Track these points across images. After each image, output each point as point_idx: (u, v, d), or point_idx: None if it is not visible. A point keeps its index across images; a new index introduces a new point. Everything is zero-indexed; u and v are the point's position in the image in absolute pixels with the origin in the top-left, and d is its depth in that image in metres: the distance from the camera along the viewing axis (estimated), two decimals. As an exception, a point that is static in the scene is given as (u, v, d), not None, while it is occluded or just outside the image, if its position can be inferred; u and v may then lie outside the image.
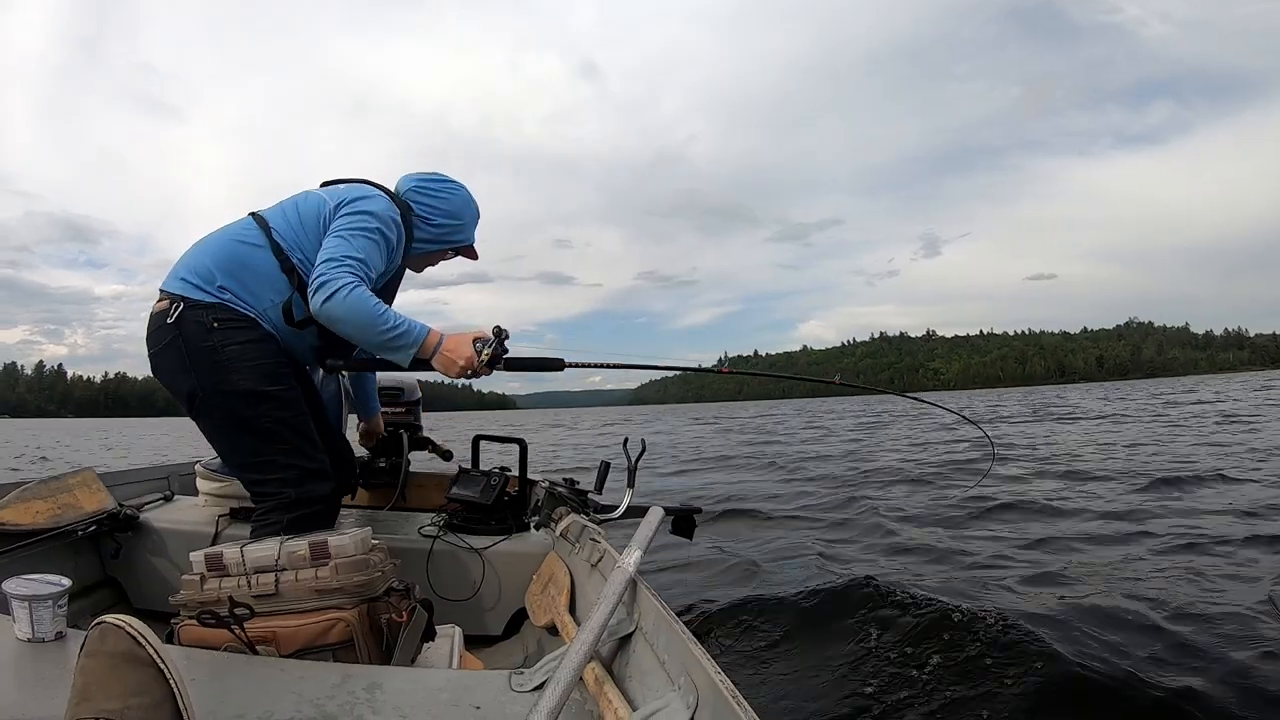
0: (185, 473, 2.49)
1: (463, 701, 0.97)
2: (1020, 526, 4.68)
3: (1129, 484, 6.06)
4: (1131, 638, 2.50)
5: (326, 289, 1.48)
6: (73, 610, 1.05)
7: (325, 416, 1.85)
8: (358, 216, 1.60)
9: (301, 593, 1.21)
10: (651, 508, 1.57)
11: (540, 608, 1.68)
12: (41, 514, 1.78)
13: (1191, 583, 3.12)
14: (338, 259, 1.51)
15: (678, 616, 1.03)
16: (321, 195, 1.70)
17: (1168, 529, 4.21)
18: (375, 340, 1.54)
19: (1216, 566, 3.36)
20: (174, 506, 2.09)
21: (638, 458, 2.12)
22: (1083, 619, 2.64)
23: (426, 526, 1.98)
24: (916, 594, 3.34)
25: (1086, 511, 4.99)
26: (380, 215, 1.63)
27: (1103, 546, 3.97)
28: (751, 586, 3.44)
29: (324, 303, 1.48)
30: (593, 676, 1.03)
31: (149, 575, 1.87)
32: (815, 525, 5.09)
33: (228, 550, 1.25)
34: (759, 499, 6.46)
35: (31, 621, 0.99)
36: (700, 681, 0.86)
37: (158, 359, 1.59)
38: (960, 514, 5.38)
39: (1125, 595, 2.97)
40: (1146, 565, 3.49)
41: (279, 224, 1.64)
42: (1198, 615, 2.65)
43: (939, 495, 6.30)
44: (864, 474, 8.14)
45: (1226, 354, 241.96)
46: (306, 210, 1.65)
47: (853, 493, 6.71)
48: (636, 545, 1.21)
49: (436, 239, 1.82)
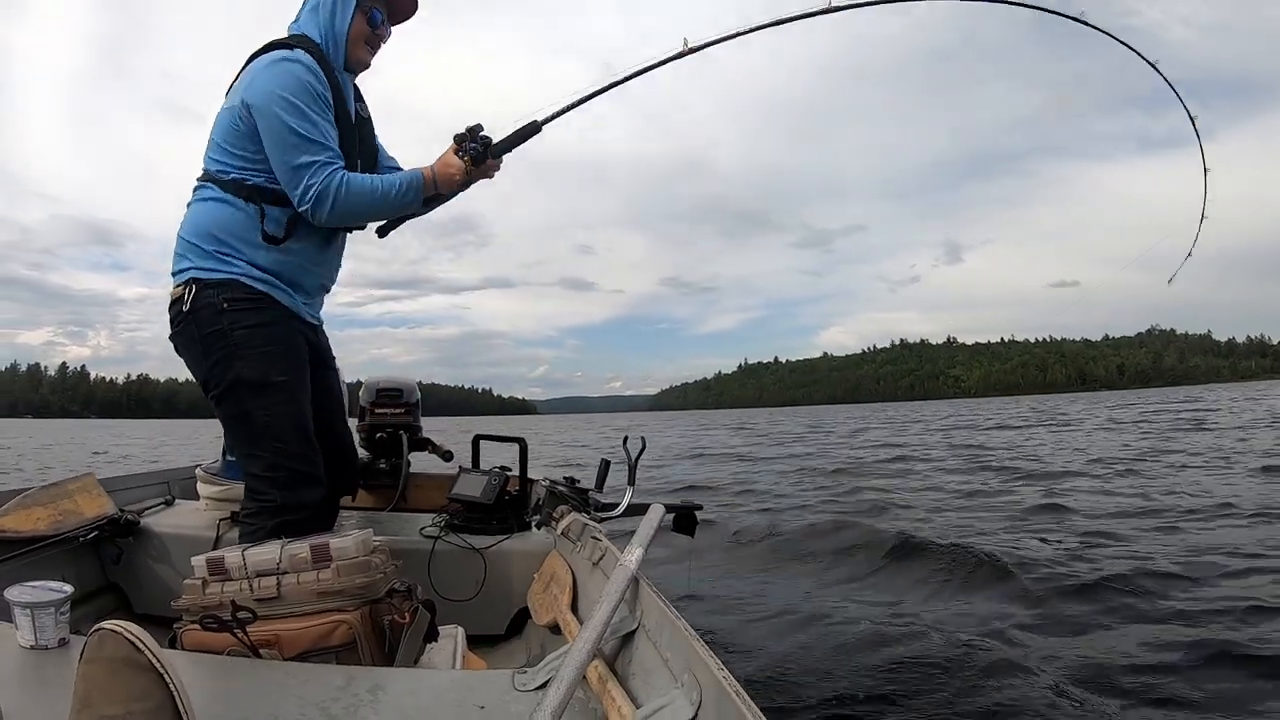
0: (185, 477, 2.49)
1: (466, 701, 0.97)
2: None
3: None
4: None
5: (321, 201, 1.49)
6: (75, 616, 1.05)
7: (336, 412, 1.84)
8: (279, 111, 1.49)
9: (304, 595, 1.21)
10: (652, 505, 1.57)
11: (542, 607, 1.68)
12: (42, 520, 1.77)
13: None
14: (303, 165, 1.49)
15: (680, 614, 1.03)
16: (228, 105, 1.58)
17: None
18: (390, 208, 1.63)
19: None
20: (175, 511, 2.09)
21: (638, 456, 2.12)
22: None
23: (428, 527, 1.98)
24: (917, 597, 3.35)
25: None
26: (293, 86, 1.50)
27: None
28: (756, 584, 3.44)
29: (328, 213, 1.51)
30: (596, 675, 1.03)
31: (151, 580, 1.87)
32: (821, 522, 5.10)
33: (229, 554, 1.25)
34: (765, 496, 6.49)
35: (34, 629, 0.99)
36: (704, 679, 0.86)
37: (177, 347, 1.61)
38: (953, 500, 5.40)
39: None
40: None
41: (214, 164, 1.58)
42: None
43: (936, 485, 6.32)
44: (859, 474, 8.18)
45: (1249, 361, 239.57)
46: (225, 131, 1.57)
47: (855, 484, 6.74)
48: (638, 543, 1.21)
49: (333, 21, 1.62)
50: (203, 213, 1.58)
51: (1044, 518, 4.89)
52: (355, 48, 1.66)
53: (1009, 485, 6.71)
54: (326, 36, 1.62)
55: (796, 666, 2.39)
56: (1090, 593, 3.00)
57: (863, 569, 3.73)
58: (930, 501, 5.91)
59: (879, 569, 3.70)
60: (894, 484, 7.19)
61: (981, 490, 6.44)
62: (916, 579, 3.47)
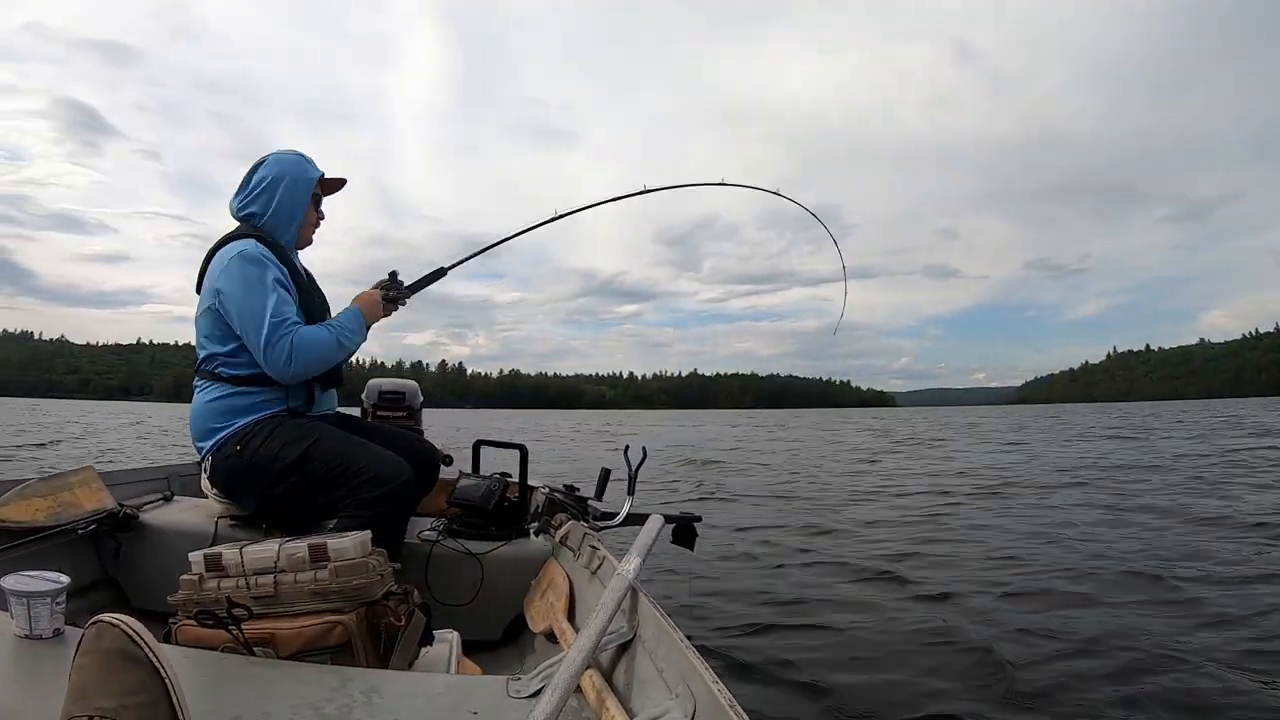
0: (185, 473, 2.49)
1: (460, 706, 0.96)
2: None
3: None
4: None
5: (282, 363, 1.75)
6: (71, 609, 1.04)
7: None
8: (239, 295, 1.76)
9: (300, 595, 1.20)
10: (651, 515, 1.56)
11: (539, 614, 1.67)
12: (41, 512, 1.77)
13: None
14: (265, 333, 1.74)
15: (676, 625, 1.03)
16: (205, 306, 1.84)
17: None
18: (345, 351, 1.90)
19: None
20: (174, 507, 2.09)
21: (638, 465, 2.12)
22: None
23: (426, 531, 1.97)
24: (920, 597, 3.33)
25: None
26: (246, 273, 1.76)
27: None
28: (754, 595, 3.42)
29: (289, 371, 1.76)
30: (590, 684, 1.03)
31: (148, 575, 1.87)
32: (814, 532, 5.07)
33: (227, 551, 1.25)
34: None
35: (29, 618, 0.98)
36: (698, 691, 0.85)
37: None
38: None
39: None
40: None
41: (224, 366, 1.83)
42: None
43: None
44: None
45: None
46: (209, 329, 1.83)
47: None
48: (636, 553, 1.21)
49: (292, 214, 1.93)
50: (210, 408, 1.87)
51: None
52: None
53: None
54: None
55: (793, 680, 2.37)
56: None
57: (865, 570, 3.70)
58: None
59: (882, 572, 3.66)
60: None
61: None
62: (919, 580, 3.43)
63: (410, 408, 2.77)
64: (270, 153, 1.95)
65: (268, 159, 1.93)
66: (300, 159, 1.96)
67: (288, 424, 1.80)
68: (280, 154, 1.95)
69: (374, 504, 1.66)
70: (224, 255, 1.80)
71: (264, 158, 1.93)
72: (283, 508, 1.80)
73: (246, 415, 1.80)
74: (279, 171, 1.90)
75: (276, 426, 1.79)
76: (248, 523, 1.87)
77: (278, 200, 1.89)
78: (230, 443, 1.79)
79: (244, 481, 1.80)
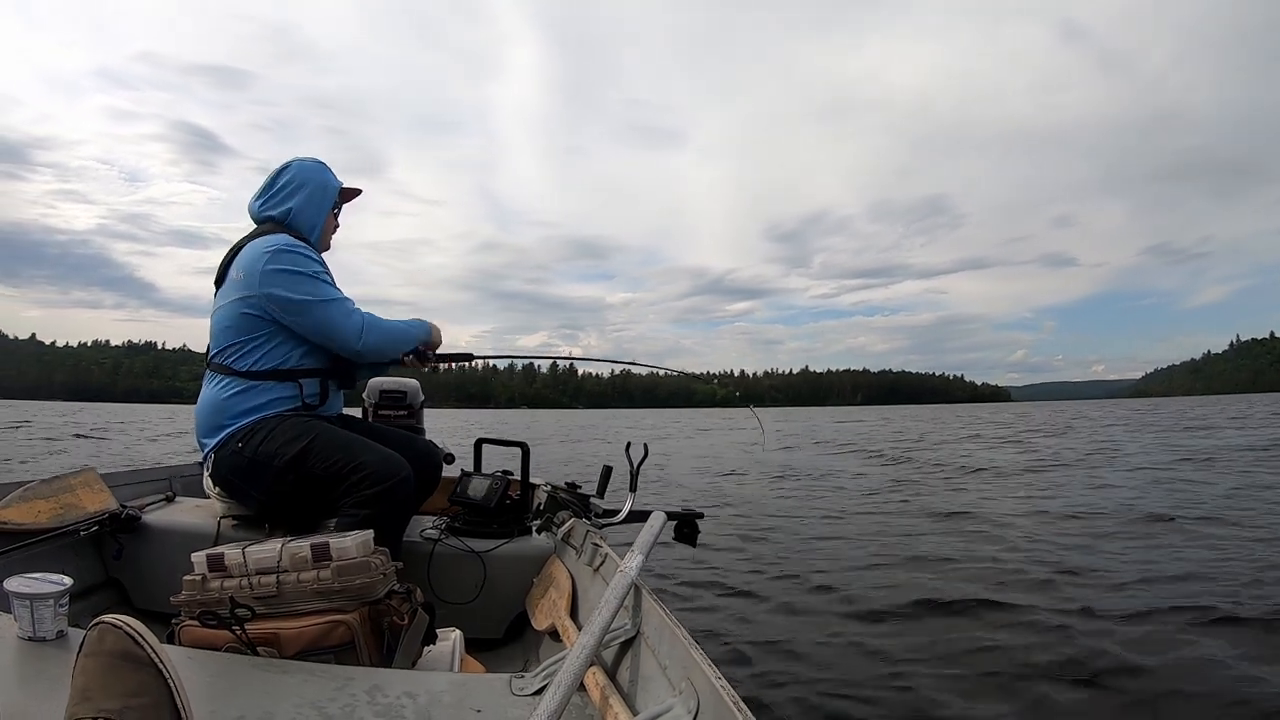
0: (187, 474, 2.49)
1: (464, 704, 0.96)
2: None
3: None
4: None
5: (355, 334, 1.84)
6: (74, 610, 1.04)
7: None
8: (291, 286, 1.80)
9: (303, 595, 1.20)
10: (654, 512, 1.56)
11: (541, 612, 1.67)
12: (43, 513, 1.78)
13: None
14: (336, 307, 1.83)
15: (680, 622, 1.03)
16: (233, 298, 1.85)
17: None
18: (405, 344, 1.99)
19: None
20: (176, 507, 2.09)
21: (639, 462, 2.12)
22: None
23: (428, 529, 1.97)
24: (922, 599, 3.33)
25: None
26: (296, 259, 1.81)
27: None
28: (756, 592, 3.42)
29: (360, 343, 1.85)
30: (594, 681, 1.03)
31: (150, 576, 1.87)
32: (825, 528, 5.08)
33: (229, 551, 1.25)
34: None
35: (33, 620, 0.98)
36: (702, 687, 0.85)
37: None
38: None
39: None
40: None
41: (240, 359, 1.84)
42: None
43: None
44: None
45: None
46: (230, 320, 1.84)
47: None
48: (639, 550, 1.21)
49: (315, 219, 1.98)
50: (228, 399, 1.90)
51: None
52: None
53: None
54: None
55: (797, 676, 2.38)
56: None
57: (868, 571, 3.70)
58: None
59: (883, 572, 3.66)
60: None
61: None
62: (921, 581, 3.43)
63: (411, 406, 2.77)
64: (293, 159, 1.99)
65: (291, 164, 1.97)
66: (323, 167, 2.01)
67: (288, 421, 1.80)
68: (303, 160, 1.99)
69: (373, 502, 1.66)
70: (261, 246, 1.81)
71: (287, 163, 1.97)
72: (284, 506, 1.80)
73: (259, 411, 1.80)
74: (304, 178, 1.95)
75: (279, 424, 1.78)
76: (250, 523, 1.87)
77: (303, 204, 1.94)
78: (234, 439, 1.79)
79: (245, 479, 1.79)
